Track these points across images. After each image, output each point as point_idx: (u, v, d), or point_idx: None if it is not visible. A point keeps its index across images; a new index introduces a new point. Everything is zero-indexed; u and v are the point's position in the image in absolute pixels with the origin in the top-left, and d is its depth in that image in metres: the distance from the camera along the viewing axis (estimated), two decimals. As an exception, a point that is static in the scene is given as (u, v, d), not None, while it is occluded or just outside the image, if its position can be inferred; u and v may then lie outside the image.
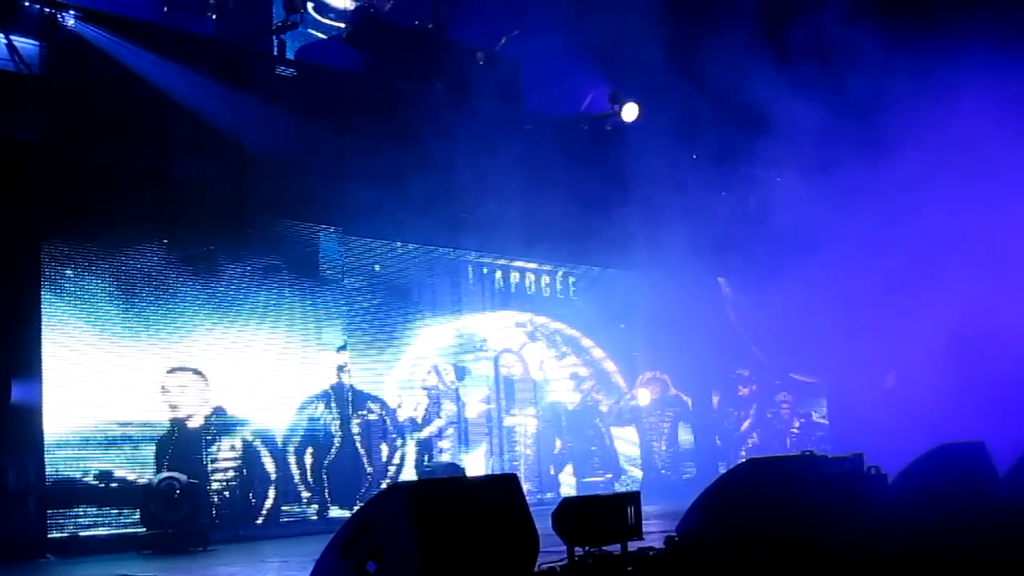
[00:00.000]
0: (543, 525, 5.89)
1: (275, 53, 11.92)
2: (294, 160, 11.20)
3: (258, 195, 11.15)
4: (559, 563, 6.03)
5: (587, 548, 6.16)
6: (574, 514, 6.08)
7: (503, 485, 5.91)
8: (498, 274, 13.90)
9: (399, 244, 12.69)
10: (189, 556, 9.24)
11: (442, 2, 12.53)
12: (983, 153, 12.59)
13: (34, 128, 9.80)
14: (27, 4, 9.83)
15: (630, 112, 14.01)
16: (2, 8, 9.62)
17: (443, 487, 6.14)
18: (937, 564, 6.15)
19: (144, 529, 9.73)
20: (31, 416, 9.53)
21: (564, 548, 6.15)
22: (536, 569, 5.85)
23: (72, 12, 9.99)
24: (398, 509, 5.29)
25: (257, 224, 11.34)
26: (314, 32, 12.72)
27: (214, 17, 11.13)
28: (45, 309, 9.86)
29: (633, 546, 6.36)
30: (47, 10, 9.91)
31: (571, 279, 14.72)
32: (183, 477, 9.89)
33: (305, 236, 11.85)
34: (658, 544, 6.49)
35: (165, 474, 9.95)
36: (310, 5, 12.43)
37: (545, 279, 14.45)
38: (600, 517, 6.15)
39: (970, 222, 12.94)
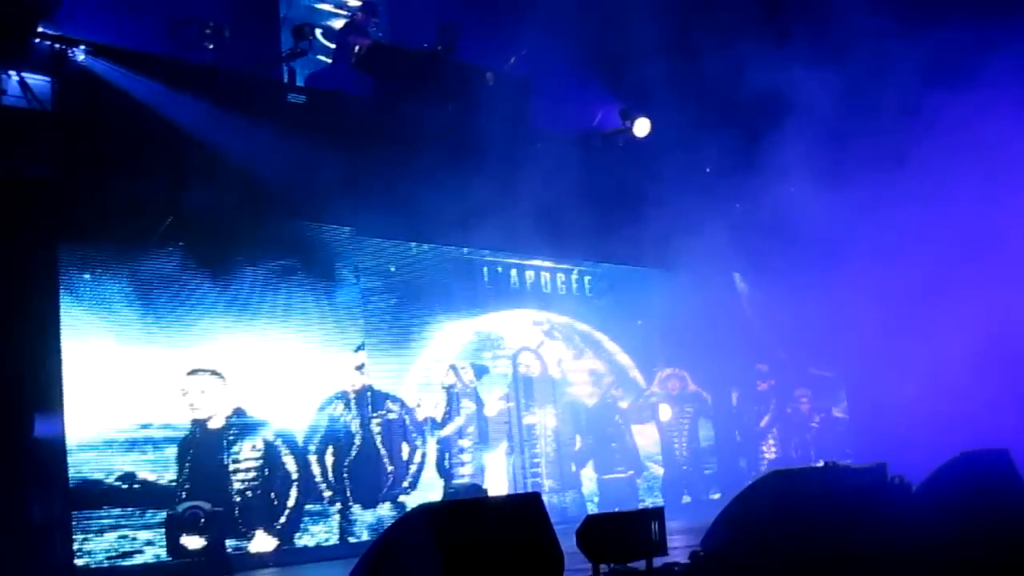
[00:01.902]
0: (568, 544, 5.89)
1: (285, 80, 11.96)
2: (307, 181, 11.28)
3: (271, 203, 11.20)
4: (584, 581, 6.03)
5: (612, 565, 6.15)
6: (598, 531, 6.07)
7: (526, 504, 5.91)
8: (513, 273, 13.88)
9: (413, 244, 12.70)
10: None
11: (450, 24, 12.51)
12: (1016, 154, 12.46)
13: (46, 164, 9.85)
14: (37, 41, 9.85)
15: (642, 127, 14.03)
16: (13, 46, 9.66)
17: (466, 508, 6.13)
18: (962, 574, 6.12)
19: (169, 558, 9.78)
20: (55, 450, 9.59)
21: (589, 566, 6.14)
22: (561, 588, 5.85)
23: (82, 47, 10.01)
24: (421, 532, 5.30)
25: (271, 227, 11.37)
26: (322, 58, 12.75)
27: (211, 47, 11.15)
28: (64, 313, 9.90)
29: (658, 562, 6.35)
30: (57, 46, 9.94)
31: (587, 277, 14.69)
32: (207, 505, 9.95)
33: (320, 237, 11.87)
34: (683, 559, 6.47)
35: (189, 503, 10.01)
36: (318, 32, 12.45)
37: (561, 277, 14.43)
38: (624, 533, 6.15)
39: (1002, 226, 12.83)
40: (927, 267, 13.15)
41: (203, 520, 9.74)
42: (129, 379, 10.22)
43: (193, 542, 9.73)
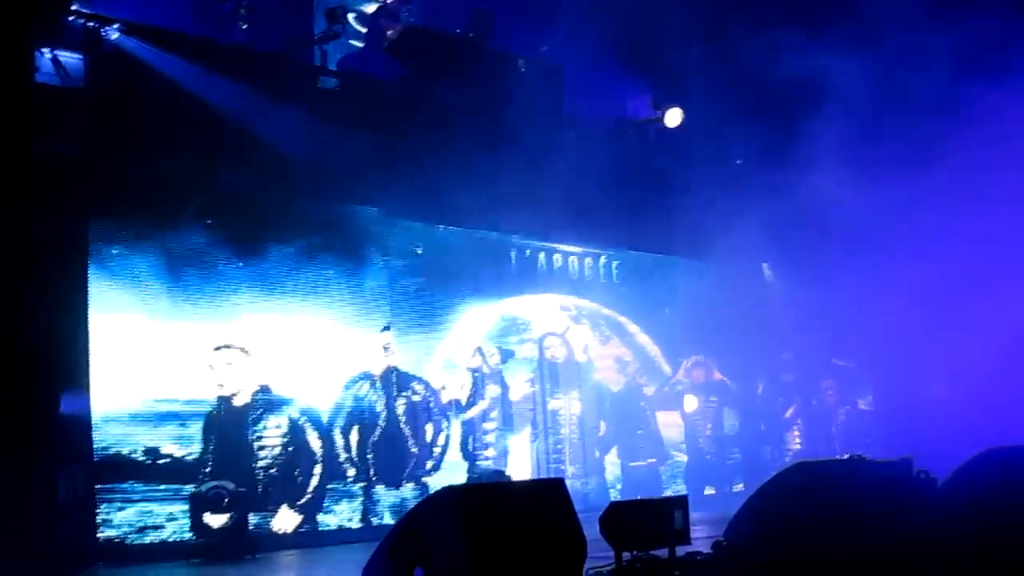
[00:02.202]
0: (591, 531, 5.87)
1: (317, 63, 11.94)
2: (337, 162, 11.29)
3: (301, 183, 11.24)
4: (607, 568, 6.00)
5: (634, 553, 6.13)
6: (621, 519, 6.06)
7: (550, 489, 5.91)
8: (541, 257, 13.84)
9: (441, 226, 12.68)
10: (238, 564, 9.30)
11: (483, 10, 12.44)
12: None
13: (78, 142, 9.89)
14: (71, 19, 9.90)
15: (673, 117, 14.03)
16: (47, 25, 9.68)
17: (490, 492, 6.15)
18: (988, 569, 6.05)
19: (192, 536, 9.84)
20: (81, 426, 9.68)
21: (611, 553, 6.13)
22: (584, 574, 5.82)
23: (115, 26, 10.05)
24: (446, 515, 5.31)
25: (300, 206, 11.40)
26: (354, 43, 12.73)
27: (244, 27, 11.17)
28: (92, 286, 9.97)
29: (681, 551, 6.33)
30: (90, 24, 9.98)
31: (614, 263, 14.62)
32: (231, 485, 9.99)
33: (348, 218, 11.88)
34: (706, 549, 6.45)
35: (212, 483, 10.06)
36: (351, 16, 12.42)
37: (588, 262, 14.37)
38: (647, 522, 6.13)
39: None
40: (957, 262, 13.01)
41: (227, 500, 9.78)
42: (156, 353, 10.30)
43: (216, 521, 9.76)
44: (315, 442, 11.29)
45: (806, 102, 13.17)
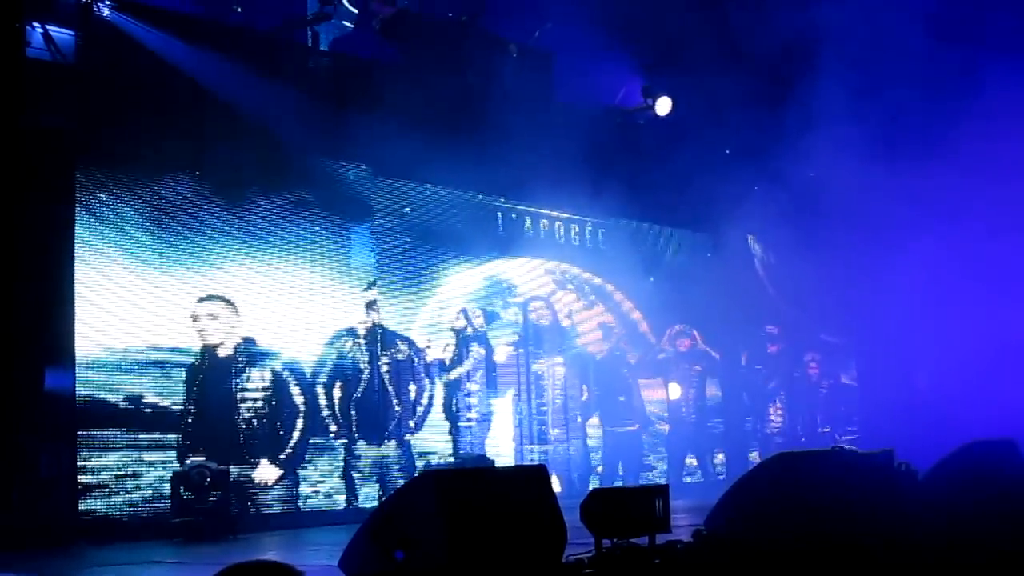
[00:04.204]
0: (571, 517, 5.87)
1: (309, 44, 11.85)
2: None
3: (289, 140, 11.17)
4: (586, 555, 6.01)
5: (615, 540, 6.13)
6: (602, 506, 6.05)
7: (531, 476, 5.91)
8: (527, 221, 13.75)
9: (429, 186, 12.59)
10: (219, 543, 9.26)
11: None
12: None
13: (67, 116, 9.83)
14: None
15: (663, 106, 14.05)
16: (40, 0, 9.62)
17: (471, 477, 6.15)
18: (967, 563, 6.09)
19: (173, 515, 9.77)
20: (64, 403, 9.63)
21: (592, 540, 6.13)
22: (564, 560, 5.83)
23: (107, 2, 9.90)
24: (427, 498, 5.30)
25: (287, 159, 11.31)
26: (347, 24, 12.53)
27: (239, 9, 11.06)
28: (78, 233, 9.87)
29: (661, 539, 6.33)
30: (83, 0, 9.83)
31: (600, 230, 14.57)
32: (213, 464, 9.94)
33: (336, 173, 11.82)
34: (686, 537, 6.45)
35: (196, 460, 10.01)
36: None
37: (575, 228, 14.30)
38: (628, 509, 6.12)
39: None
40: (955, 248, 12.95)
41: (209, 479, 9.72)
42: (140, 301, 10.21)
43: (198, 500, 9.69)
44: (298, 396, 11.29)
45: (794, 74, 13.06)
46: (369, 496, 11.58)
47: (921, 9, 12.18)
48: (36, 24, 9.69)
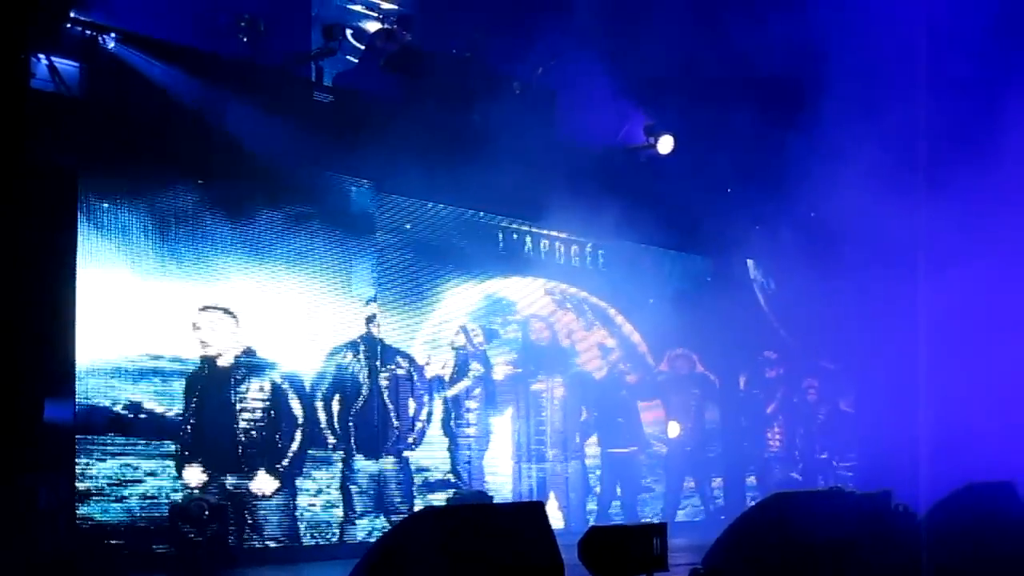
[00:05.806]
0: (569, 555, 5.84)
1: (313, 79, 11.92)
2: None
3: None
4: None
5: (612, 578, 6.09)
6: (600, 544, 6.03)
7: (530, 513, 5.92)
8: (528, 240, 13.88)
9: (430, 204, 12.68)
10: None
11: (479, 31, 12.63)
12: None
13: (72, 150, 9.88)
14: (69, 27, 9.81)
15: (665, 145, 14.05)
16: (45, 31, 9.61)
17: (470, 514, 6.16)
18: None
19: (171, 548, 9.75)
20: (63, 435, 9.62)
21: (590, 577, 6.10)
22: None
23: (113, 35, 9.96)
24: (425, 536, 5.29)
25: (291, 172, 11.38)
26: (351, 59, 12.85)
27: (245, 40, 11.09)
28: (81, 240, 9.92)
29: (658, 577, 6.30)
30: (88, 32, 9.89)
31: (600, 251, 14.65)
32: (211, 498, 9.98)
33: (338, 187, 11.85)
34: (683, 576, 6.44)
35: (195, 495, 10.03)
36: (348, 31, 12.56)
37: (575, 249, 14.41)
38: (626, 547, 6.09)
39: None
40: (959, 283, 12.89)
41: (207, 513, 9.72)
42: (141, 308, 10.25)
43: (197, 533, 9.67)
44: (297, 408, 11.27)
45: (796, 100, 13.30)
46: (367, 510, 11.55)
47: (922, 43, 12.43)
48: (41, 55, 9.72)
